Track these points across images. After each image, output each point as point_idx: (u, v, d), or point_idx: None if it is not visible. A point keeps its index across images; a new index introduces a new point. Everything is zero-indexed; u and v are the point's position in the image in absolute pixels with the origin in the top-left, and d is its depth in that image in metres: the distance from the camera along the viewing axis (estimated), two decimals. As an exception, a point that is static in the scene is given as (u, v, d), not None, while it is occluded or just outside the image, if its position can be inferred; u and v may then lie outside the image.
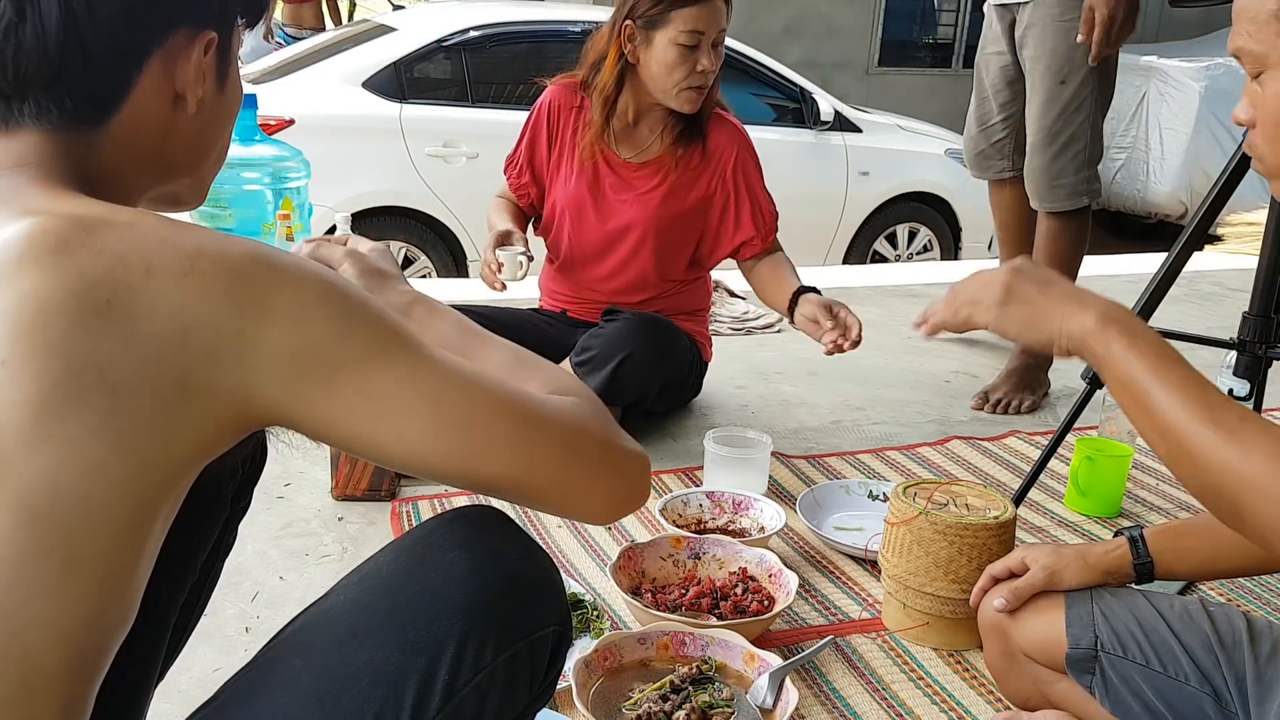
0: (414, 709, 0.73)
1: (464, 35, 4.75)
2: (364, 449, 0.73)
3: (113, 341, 0.64)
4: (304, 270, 0.71)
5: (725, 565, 1.65)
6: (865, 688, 1.46)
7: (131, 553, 0.66)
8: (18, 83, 0.73)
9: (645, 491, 0.87)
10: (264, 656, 0.80)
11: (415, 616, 0.76)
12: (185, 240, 0.67)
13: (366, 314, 0.72)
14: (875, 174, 5.18)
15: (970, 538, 1.48)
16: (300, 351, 0.68)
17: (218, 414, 0.67)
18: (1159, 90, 7.06)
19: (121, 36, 0.74)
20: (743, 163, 2.31)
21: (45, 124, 0.75)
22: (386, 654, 0.75)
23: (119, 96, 0.76)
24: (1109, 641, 1.20)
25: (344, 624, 0.78)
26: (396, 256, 4.53)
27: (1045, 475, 2.08)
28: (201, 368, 0.66)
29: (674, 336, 2.26)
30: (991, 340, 3.21)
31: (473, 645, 0.76)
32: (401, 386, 0.72)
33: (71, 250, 0.64)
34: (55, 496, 0.62)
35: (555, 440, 0.79)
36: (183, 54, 0.78)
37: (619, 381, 2.13)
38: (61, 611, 0.63)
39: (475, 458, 0.75)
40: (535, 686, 0.82)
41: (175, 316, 0.65)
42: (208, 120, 0.83)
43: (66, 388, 0.62)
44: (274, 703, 0.74)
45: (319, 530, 1.83)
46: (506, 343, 0.92)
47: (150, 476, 0.66)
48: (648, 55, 2.16)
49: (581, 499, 0.82)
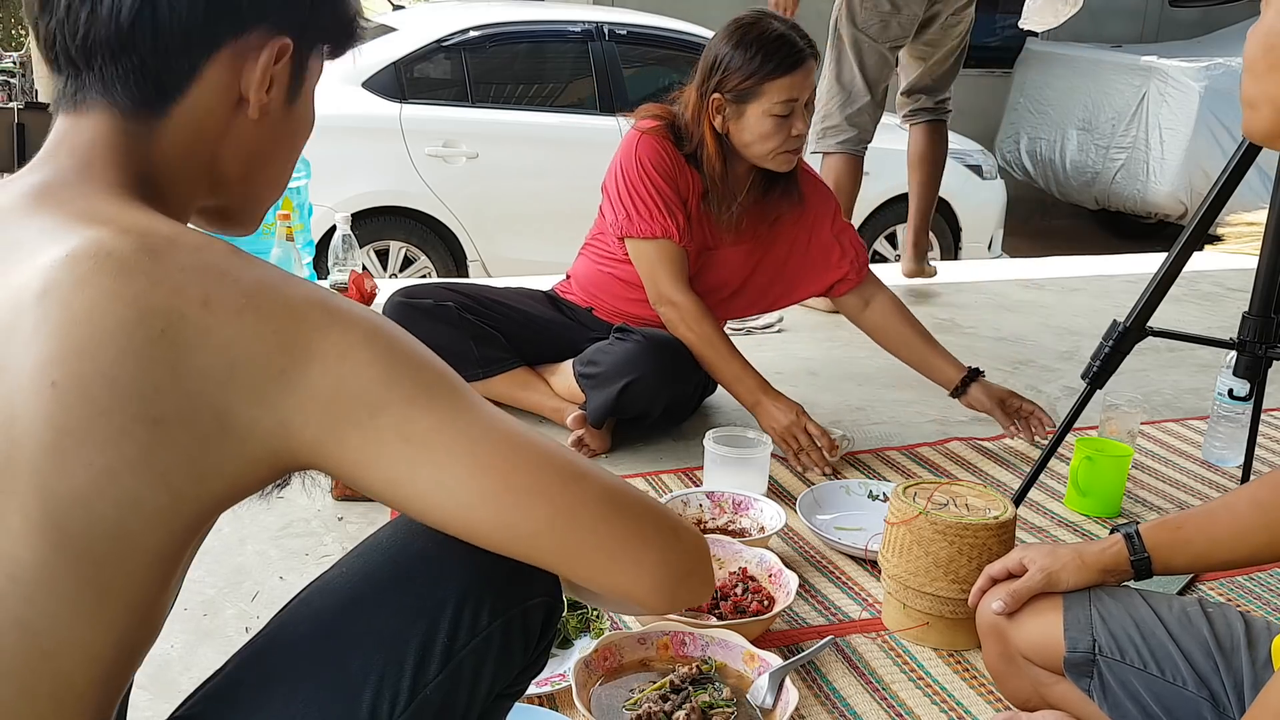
0: (415, 670, 0.75)
1: (464, 35, 4.75)
2: (399, 496, 0.71)
3: (161, 373, 0.64)
4: (355, 314, 0.70)
5: (725, 565, 1.65)
6: (865, 688, 1.46)
7: (160, 580, 0.67)
8: (85, 50, 0.73)
9: (706, 572, 0.81)
10: (271, 626, 0.81)
11: (414, 582, 0.77)
12: (247, 275, 0.67)
13: (412, 358, 0.71)
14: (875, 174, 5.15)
15: (970, 538, 1.48)
16: (341, 392, 0.67)
17: (254, 452, 0.67)
18: (1159, 90, 7.06)
19: (196, 19, 0.74)
20: (831, 211, 2.35)
21: (110, 104, 0.74)
22: (387, 618, 0.76)
23: (183, 83, 0.75)
24: (1107, 645, 1.20)
25: (346, 591, 0.79)
26: (396, 257, 4.54)
27: (1045, 475, 2.08)
28: (243, 404, 0.65)
29: (684, 359, 2.21)
30: (992, 339, 3.21)
31: (470, 609, 0.77)
32: (443, 430, 0.70)
33: (133, 276, 0.64)
34: (89, 524, 0.63)
35: (600, 494, 0.75)
36: (253, 54, 0.77)
37: (624, 402, 2.13)
38: (92, 634, 0.65)
39: (514, 507, 0.72)
40: (529, 653, 0.83)
41: (224, 350, 0.65)
42: (269, 133, 0.81)
43: (110, 418, 0.63)
44: (279, 669, 0.76)
45: (319, 530, 1.83)
46: None
47: (182, 510, 0.66)
48: (739, 126, 2.13)
49: (629, 568, 0.75)
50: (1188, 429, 2.50)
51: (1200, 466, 2.28)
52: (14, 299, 0.65)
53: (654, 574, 0.76)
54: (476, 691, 0.78)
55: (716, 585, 1.59)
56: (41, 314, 0.63)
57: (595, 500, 0.74)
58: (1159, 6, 9.02)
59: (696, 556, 0.80)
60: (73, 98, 0.75)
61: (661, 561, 0.76)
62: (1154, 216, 7.46)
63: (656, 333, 2.22)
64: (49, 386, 0.62)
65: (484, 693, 0.79)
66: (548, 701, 1.38)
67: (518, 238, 4.68)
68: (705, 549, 0.81)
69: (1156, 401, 2.72)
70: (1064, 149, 7.82)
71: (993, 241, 5.68)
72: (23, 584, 0.63)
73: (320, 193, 3.84)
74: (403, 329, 0.73)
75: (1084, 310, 3.59)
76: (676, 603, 0.78)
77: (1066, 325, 3.42)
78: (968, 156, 5.59)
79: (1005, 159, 8.15)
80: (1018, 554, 1.33)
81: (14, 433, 0.63)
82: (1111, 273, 4.22)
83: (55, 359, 0.63)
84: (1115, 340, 1.84)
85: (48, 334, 0.63)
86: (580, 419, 2.17)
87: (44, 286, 0.64)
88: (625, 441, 2.27)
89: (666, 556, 0.76)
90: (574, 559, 0.75)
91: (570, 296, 2.44)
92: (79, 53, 0.74)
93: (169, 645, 1.47)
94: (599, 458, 2.20)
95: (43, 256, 0.66)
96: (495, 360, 2.29)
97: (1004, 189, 5.79)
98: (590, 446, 2.19)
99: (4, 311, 0.65)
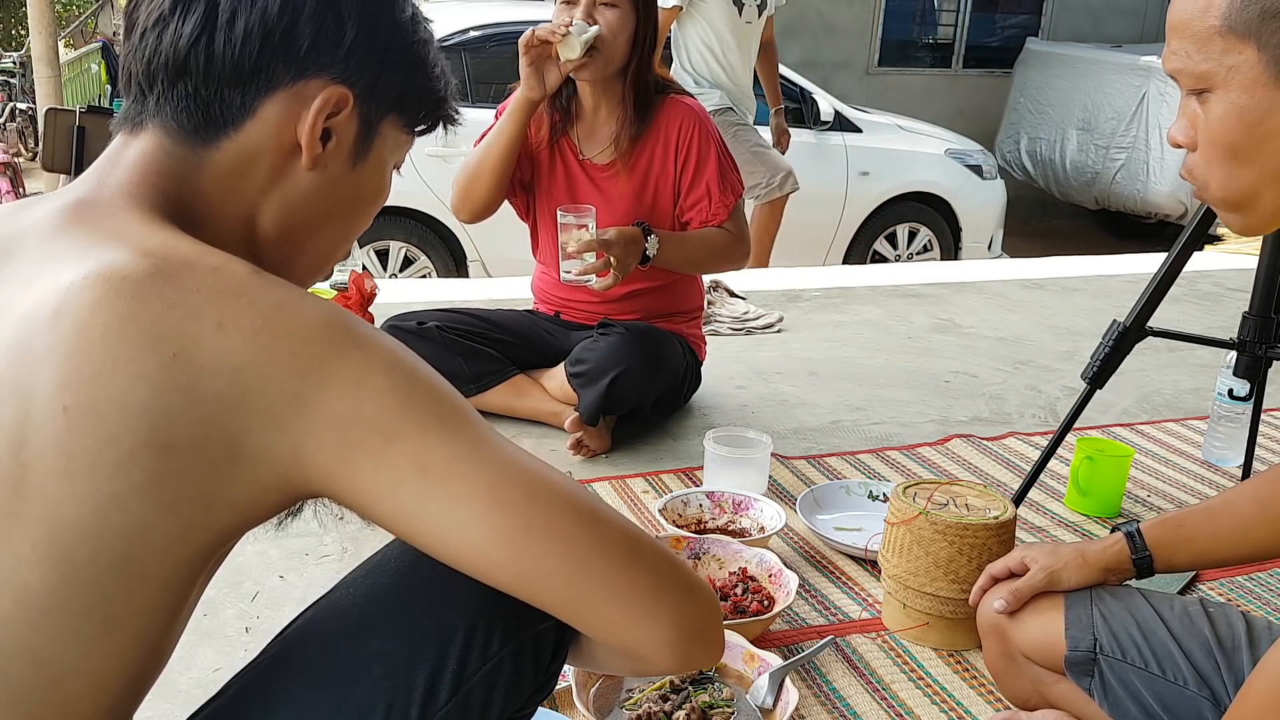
0: (424, 698, 0.74)
1: (464, 35, 4.75)
2: (411, 529, 0.69)
3: (172, 398, 0.63)
4: (376, 340, 0.69)
5: (725, 565, 1.65)
6: (865, 688, 1.46)
7: (168, 611, 0.67)
8: (149, 73, 0.75)
9: (718, 635, 0.77)
10: (275, 648, 0.80)
11: (423, 607, 0.76)
12: (264, 297, 0.66)
13: (432, 389, 0.69)
14: (875, 174, 5.19)
15: (970, 538, 1.48)
16: (357, 418, 0.66)
17: (264, 479, 0.66)
18: (1159, 90, 7.06)
19: (250, 54, 0.74)
20: (697, 140, 2.25)
21: (163, 127, 0.75)
22: (396, 643, 0.75)
23: (236, 116, 0.75)
24: (1108, 644, 1.20)
25: (354, 614, 0.78)
26: (396, 257, 4.54)
27: (1045, 475, 2.08)
28: (255, 429, 0.64)
29: (668, 348, 2.25)
30: (992, 339, 3.21)
31: (480, 635, 0.76)
32: (459, 461, 0.68)
33: (147, 301, 0.64)
34: (95, 552, 0.63)
35: (618, 540, 0.72)
36: (311, 100, 0.76)
37: (614, 396, 2.13)
38: (100, 663, 0.64)
39: (529, 547, 0.69)
40: (539, 678, 0.82)
41: (238, 375, 0.64)
42: (324, 192, 0.80)
43: (119, 444, 0.62)
44: (286, 692, 0.75)
45: (319, 530, 1.83)
46: None
47: (191, 538, 0.65)
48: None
49: (640, 620, 0.72)
50: (1188, 429, 2.50)
51: (1200, 466, 2.28)
52: (29, 317, 0.65)
53: (666, 630, 0.72)
54: (486, 718, 0.77)
55: (717, 585, 1.59)
56: (56, 338, 0.63)
57: (614, 546, 0.72)
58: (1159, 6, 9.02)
59: (711, 617, 0.76)
60: (134, 119, 0.77)
61: (676, 616, 0.73)
62: (1154, 216, 7.46)
63: (637, 324, 2.25)
64: (61, 411, 0.62)
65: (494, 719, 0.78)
66: (548, 701, 1.37)
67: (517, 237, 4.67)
68: (719, 610, 0.78)
69: (1156, 401, 2.72)
70: (1064, 149, 7.82)
71: (993, 241, 5.68)
72: (31, 611, 0.62)
73: (320, 193, 3.84)
74: (422, 359, 0.72)
75: (1084, 310, 3.59)
76: (687, 662, 0.75)
77: (1066, 325, 3.42)
78: (968, 156, 5.59)
79: (1005, 159, 8.16)
80: (1019, 553, 1.33)
81: (24, 456, 0.62)
82: (1111, 273, 4.22)
83: (69, 384, 0.62)
84: (1115, 340, 1.84)
85: (62, 358, 0.63)
86: (578, 421, 2.18)
87: (58, 308, 0.64)
88: (625, 442, 2.27)
89: (682, 612, 0.73)
90: (584, 606, 0.72)
91: (541, 308, 2.49)
92: (145, 76, 0.76)
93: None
94: (599, 457, 2.20)
95: (63, 276, 0.65)
96: (488, 374, 2.31)
97: (1004, 189, 5.79)
98: (590, 447, 2.19)
99: (20, 330, 0.65)
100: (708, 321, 3.23)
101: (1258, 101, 0.90)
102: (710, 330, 3.18)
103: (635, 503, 2.00)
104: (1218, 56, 0.91)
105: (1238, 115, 0.91)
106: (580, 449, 2.19)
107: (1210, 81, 0.93)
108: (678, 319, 2.40)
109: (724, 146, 2.30)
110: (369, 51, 0.78)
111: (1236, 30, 0.89)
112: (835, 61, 8.69)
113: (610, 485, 2.07)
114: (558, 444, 2.23)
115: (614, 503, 1.99)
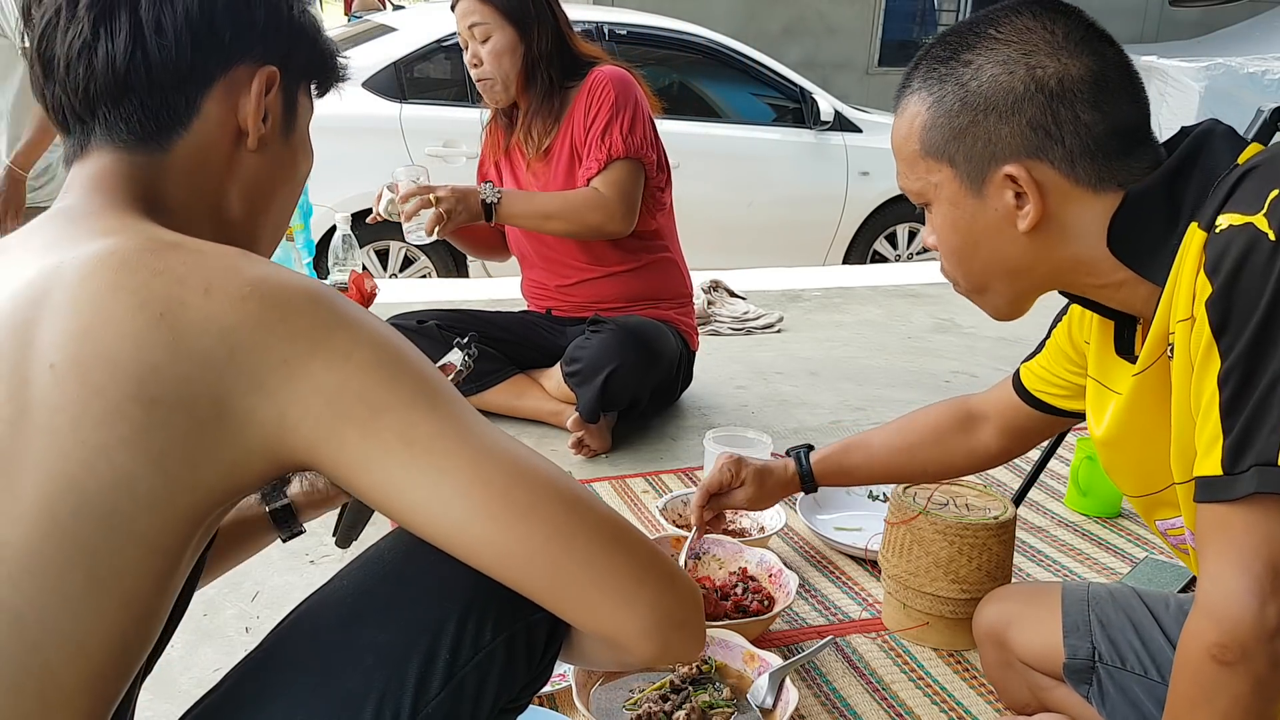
0: (417, 687, 0.74)
1: (464, 35, 4.75)
2: (393, 503, 0.70)
3: (159, 354, 0.64)
4: (363, 318, 0.71)
5: (725, 565, 1.65)
6: (865, 688, 1.46)
7: (157, 575, 0.66)
8: (87, 102, 0.77)
9: (698, 626, 0.77)
10: (269, 640, 0.80)
11: (416, 597, 0.77)
12: (251, 269, 0.68)
13: (418, 368, 0.71)
14: (875, 174, 5.18)
15: (970, 538, 1.48)
16: (344, 390, 0.67)
17: (250, 443, 0.67)
18: (1159, 90, 7.07)
19: (184, 57, 0.77)
20: (597, 104, 2.25)
21: (115, 143, 0.77)
22: (389, 634, 0.76)
23: (182, 118, 0.78)
24: (1107, 653, 1.20)
25: (347, 606, 0.79)
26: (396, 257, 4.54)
27: (1045, 475, 2.08)
28: (242, 391, 0.65)
29: (660, 341, 2.26)
30: (992, 339, 3.21)
31: (472, 625, 0.76)
32: (444, 437, 0.69)
33: (135, 270, 0.66)
34: (79, 505, 0.63)
35: (600, 524, 0.73)
36: (245, 85, 0.80)
37: (610, 392, 2.14)
38: (83, 627, 0.64)
39: (512, 526, 0.70)
40: (532, 668, 0.82)
41: (226, 335, 0.65)
42: (270, 166, 0.84)
43: (105, 396, 0.63)
44: (280, 684, 0.75)
45: (319, 530, 1.83)
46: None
47: (177, 498, 0.66)
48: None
49: (620, 605, 0.72)
50: (1188, 429, 2.50)
51: (1200, 466, 2.28)
52: (19, 294, 0.67)
53: (645, 617, 0.73)
54: (479, 708, 0.77)
55: (717, 585, 1.59)
56: (46, 309, 0.65)
57: (595, 529, 0.72)
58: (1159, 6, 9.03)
59: (690, 607, 0.76)
60: (80, 150, 0.78)
61: (655, 604, 0.73)
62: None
63: (627, 319, 2.26)
64: (48, 369, 0.63)
65: (487, 710, 0.78)
66: (548, 701, 1.38)
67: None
68: (700, 602, 0.78)
69: (1156, 401, 2.72)
70: (1064, 149, 7.82)
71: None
72: (10, 567, 0.62)
73: (320, 193, 3.83)
74: (408, 340, 0.73)
75: (1084, 310, 3.58)
76: (666, 652, 0.75)
77: (1066, 325, 3.41)
78: (968, 156, 5.59)
79: (1005, 159, 8.15)
80: (734, 465, 1.52)
81: (6, 413, 0.64)
82: (1111, 273, 4.21)
83: (55, 344, 0.64)
84: (1115, 340, 1.84)
85: (50, 324, 0.65)
86: (579, 420, 2.18)
87: (48, 285, 0.66)
88: (625, 441, 2.27)
89: (661, 599, 0.73)
90: (565, 589, 0.72)
91: (533, 307, 2.52)
92: (83, 106, 0.77)
93: (169, 645, 1.47)
94: (600, 457, 2.20)
95: (53, 259, 0.68)
96: (487, 373, 2.33)
97: (1004, 189, 5.78)
98: (591, 446, 2.19)
99: (8, 305, 0.67)
100: (708, 321, 3.23)
101: (963, 210, 1.00)
102: (710, 330, 3.18)
103: (635, 503, 2.00)
104: (924, 176, 1.02)
105: (951, 223, 1.02)
106: (581, 448, 2.19)
107: (926, 197, 1.03)
108: (665, 305, 2.40)
109: (630, 109, 2.24)
110: (277, 29, 0.82)
111: (933, 153, 1.00)
112: (835, 61, 8.70)
113: (610, 485, 2.08)
114: (558, 444, 2.23)
115: (614, 503, 1.99)
